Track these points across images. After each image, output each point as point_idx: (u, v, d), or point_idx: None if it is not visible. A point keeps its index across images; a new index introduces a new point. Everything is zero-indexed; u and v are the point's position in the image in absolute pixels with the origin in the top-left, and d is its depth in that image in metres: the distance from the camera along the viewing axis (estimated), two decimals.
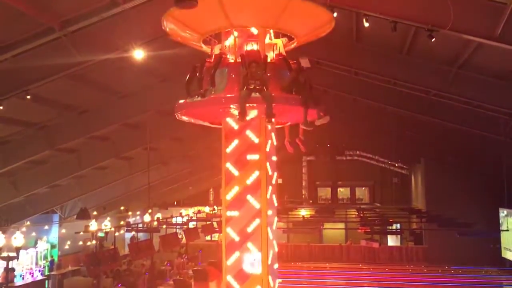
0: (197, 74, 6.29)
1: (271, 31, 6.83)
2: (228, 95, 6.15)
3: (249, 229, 6.66)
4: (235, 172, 6.76)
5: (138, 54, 11.02)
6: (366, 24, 9.85)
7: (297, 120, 6.75)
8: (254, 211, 6.67)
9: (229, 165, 6.82)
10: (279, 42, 6.87)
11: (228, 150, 6.84)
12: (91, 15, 9.59)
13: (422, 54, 12.50)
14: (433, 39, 9.39)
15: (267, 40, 6.81)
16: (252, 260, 6.62)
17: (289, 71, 6.43)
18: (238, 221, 6.70)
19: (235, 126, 6.81)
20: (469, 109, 14.92)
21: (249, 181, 6.71)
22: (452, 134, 18.76)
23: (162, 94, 15.08)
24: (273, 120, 6.05)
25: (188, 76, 6.39)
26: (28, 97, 11.38)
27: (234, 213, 6.73)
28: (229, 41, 6.74)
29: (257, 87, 5.88)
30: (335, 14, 8.54)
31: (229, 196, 6.77)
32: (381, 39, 12.42)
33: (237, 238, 6.68)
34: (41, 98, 12.90)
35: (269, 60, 6.37)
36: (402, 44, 12.33)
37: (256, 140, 6.78)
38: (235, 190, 6.75)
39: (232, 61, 6.48)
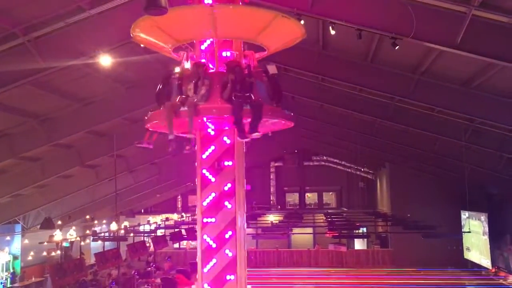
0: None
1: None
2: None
3: (227, 235, 6.66)
4: (212, 178, 6.73)
5: (105, 60, 10.89)
6: (333, 32, 10.07)
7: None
8: (231, 217, 6.67)
9: (205, 171, 6.75)
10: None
11: (204, 156, 6.76)
12: (56, 20, 9.46)
13: (386, 61, 12.81)
14: (397, 47, 9.68)
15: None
16: None
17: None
18: (215, 228, 6.67)
19: (211, 132, 6.76)
20: (431, 114, 15.37)
21: (226, 187, 6.70)
22: (415, 139, 19.23)
23: (129, 101, 14.91)
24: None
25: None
26: None
27: (210, 220, 6.69)
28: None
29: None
30: (302, 22, 8.69)
31: (205, 202, 6.71)
32: (347, 46, 12.68)
33: (214, 245, 6.66)
34: (3, 105, 12.55)
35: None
36: (367, 51, 12.61)
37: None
38: (211, 196, 6.71)
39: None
